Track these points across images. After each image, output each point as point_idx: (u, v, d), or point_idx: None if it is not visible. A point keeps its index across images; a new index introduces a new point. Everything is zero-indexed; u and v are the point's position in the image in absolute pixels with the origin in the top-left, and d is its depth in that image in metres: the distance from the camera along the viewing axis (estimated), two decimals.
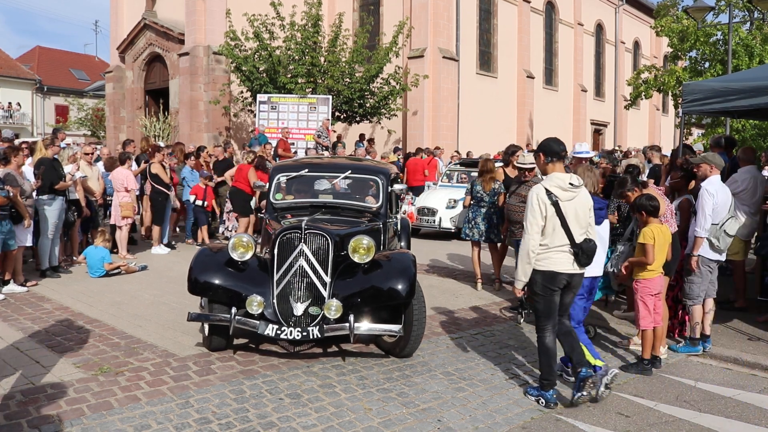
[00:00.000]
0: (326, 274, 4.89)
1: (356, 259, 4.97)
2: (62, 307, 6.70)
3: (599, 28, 31.83)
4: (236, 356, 5.18)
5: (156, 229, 10.34)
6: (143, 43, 22.49)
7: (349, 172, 6.40)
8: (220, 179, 11.74)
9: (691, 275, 5.49)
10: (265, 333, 4.73)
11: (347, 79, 17.10)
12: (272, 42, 16.70)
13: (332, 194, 6.41)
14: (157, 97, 22.47)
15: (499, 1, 24.18)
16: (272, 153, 13.04)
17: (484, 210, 7.81)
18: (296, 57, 16.56)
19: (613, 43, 32.58)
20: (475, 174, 8.76)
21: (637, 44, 35.23)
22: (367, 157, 13.04)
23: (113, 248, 9.65)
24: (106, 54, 40.20)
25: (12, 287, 7.28)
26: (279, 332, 4.73)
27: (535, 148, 22.10)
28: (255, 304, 4.75)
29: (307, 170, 6.39)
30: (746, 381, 5.01)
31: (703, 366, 5.32)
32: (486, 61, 23.89)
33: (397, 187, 6.44)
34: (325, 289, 4.87)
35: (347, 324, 4.73)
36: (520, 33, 25.28)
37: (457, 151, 19.05)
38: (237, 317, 4.76)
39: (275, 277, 4.88)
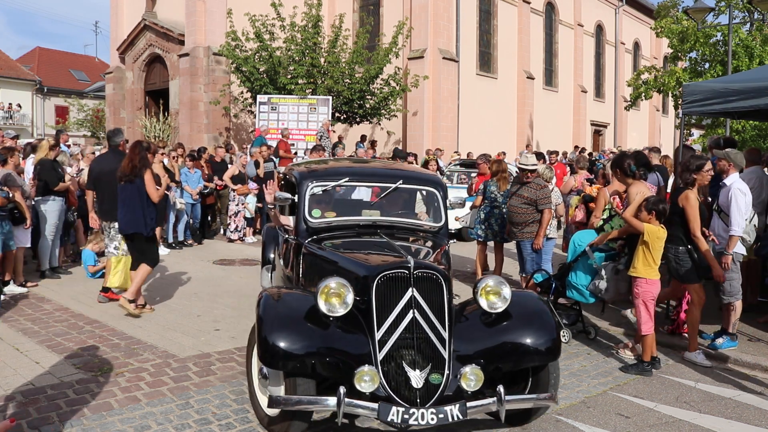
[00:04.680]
0: (443, 329, 3.65)
1: (485, 305, 3.83)
2: (62, 307, 6.71)
3: (599, 28, 31.85)
4: (236, 356, 5.19)
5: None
6: (143, 44, 22.51)
7: (401, 181, 5.02)
8: (221, 182, 11.80)
9: (729, 273, 5.51)
10: (389, 419, 3.41)
11: (347, 80, 17.11)
12: (272, 43, 16.72)
13: (379, 210, 5.16)
14: (157, 97, 22.49)
15: (499, 1, 24.20)
16: (272, 154, 13.06)
17: (497, 211, 7.76)
18: (296, 58, 16.59)
19: (613, 44, 32.61)
20: (475, 175, 8.76)
21: (637, 45, 35.25)
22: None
23: None
24: (106, 55, 40.28)
25: (12, 288, 7.28)
26: (407, 416, 3.40)
27: (535, 149, 22.13)
28: (367, 378, 3.44)
29: (347, 179, 5.04)
30: (746, 381, 5.01)
31: (703, 367, 5.31)
32: (486, 61, 23.91)
33: (453, 198, 5.32)
34: (445, 349, 3.62)
35: (494, 398, 3.51)
36: (520, 34, 25.30)
37: (457, 152, 19.07)
38: (346, 400, 3.39)
39: (377, 336, 3.58)
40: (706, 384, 4.93)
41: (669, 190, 7.43)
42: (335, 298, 3.61)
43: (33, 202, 7.90)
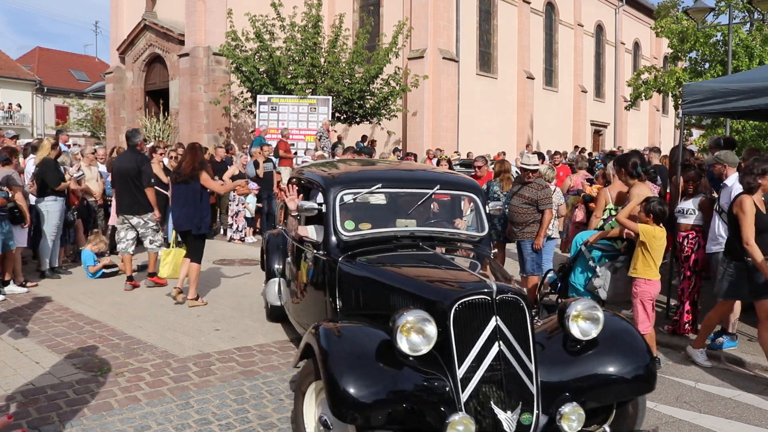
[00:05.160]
0: (530, 361, 3.19)
1: (577, 333, 3.34)
2: (62, 307, 6.71)
3: (599, 28, 31.86)
4: (236, 356, 5.19)
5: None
6: (143, 44, 22.51)
7: (438, 187, 4.57)
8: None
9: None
10: None
11: (347, 80, 17.12)
12: (272, 43, 16.73)
13: (415, 219, 4.65)
14: (157, 97, 22.50)
15: (499, 1, 24.21)
16: (272, 154, 13.06)
17: None
18: (296, 58, 16.59)
19: (613, 44, 32.62)
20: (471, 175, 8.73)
21: (637, 45, 35.26)
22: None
23: (113, 249, 9.66)
24: (106, 55, 40.31)
25: (12, 288, 7.29)
26: None
27: (535, 149, 22.16)
28: (461, 428, 2.91)
29: (380, 185, 4.48)
30: (746, 382, 5.01)
31: (703, 367, 5.31)
32: (486, 61, 23.92)
33: (493, 205, 4.78)
34: (533, 384, 3.15)
35: None
36: (520, 34, 25.31)
37: (457, 152, 19.07)
38: None
39: (459, 374, 3.07)
40: (706, 384, 4.93)
41: (668, 191, 7.43)
42: (418, 334, 3.04)
43: (33, 202, 7.91)
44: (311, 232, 4.61)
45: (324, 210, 4.32)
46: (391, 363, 3.06)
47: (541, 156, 13.97)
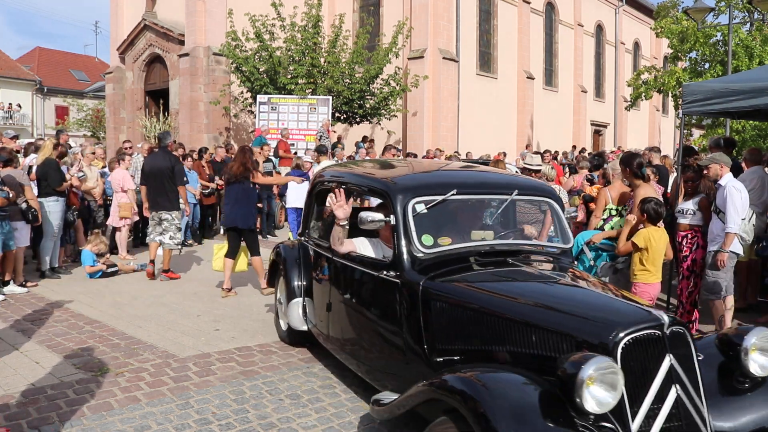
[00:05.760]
0: (702, 405, 2.72)
1: (755, 368, 2.87)
2: (62, 307, 6.70)
3: (599, 28, 31.86)
4: (236, 357, 5.19)
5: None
6: (143, 44, 22.51)
7: (516, 192, 3.97)
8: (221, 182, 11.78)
9: (718, 271, 5.51)
10: None
11: (347, 80, 17.13)
12: (272, 43, 16.74)
13: (492, 230, 4.17)
14: (157, 97, 22.49)
15: (499, 1, 24.21)
16: (272, 154, 13.06)
17: None
18: (296, 58, 16.60)
19: (613, 44, 32.61)
20: None
21: (637, 45, 35.26)
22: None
23: (113, 249, 9.66)
24: (106, 55, 40.31)
25: (12, 288, 7.29)
26: None
27: (535, 149, 22.19)
28: None
29: (455, 191, 3.79)
30: None
31: None
32: (486, 61, 23.92)
33: (568, 211, 4.40)
34: None
35: None
36: (520, 34, 25.31)
37: (457, 152, 19.07)
38: None
39: (633, 427, 2.56)
40: None
41: (669, 190, 7.44)
42: (606, 387, 2.43)
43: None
44: (364, 247, 4.04)
45: (392, 222, 3.67)
46: (564, 422, 2.43)
47: (542, 157, 13.97)
